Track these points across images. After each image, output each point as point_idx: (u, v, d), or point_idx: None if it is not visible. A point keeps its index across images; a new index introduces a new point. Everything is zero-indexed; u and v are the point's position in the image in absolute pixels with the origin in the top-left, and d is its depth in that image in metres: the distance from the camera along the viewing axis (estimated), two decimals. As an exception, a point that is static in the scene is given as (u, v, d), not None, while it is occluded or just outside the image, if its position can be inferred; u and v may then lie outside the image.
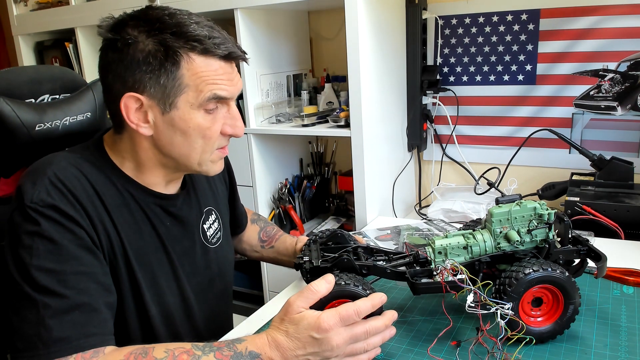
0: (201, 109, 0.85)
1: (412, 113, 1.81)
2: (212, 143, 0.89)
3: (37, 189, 0.80)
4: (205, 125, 0.87)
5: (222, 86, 0.85)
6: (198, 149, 0.89)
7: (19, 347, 0.74)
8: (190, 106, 0.84)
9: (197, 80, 0.83)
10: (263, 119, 1.79)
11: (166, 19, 0.82)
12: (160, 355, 0.75)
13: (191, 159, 0.90)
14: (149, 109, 0.84)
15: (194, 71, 0.83)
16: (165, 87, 0.83)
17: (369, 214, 1.63)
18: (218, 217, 1.10)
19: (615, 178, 1.45)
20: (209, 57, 0.83)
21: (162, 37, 0.81)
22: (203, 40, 0.82)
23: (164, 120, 0.85)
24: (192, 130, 0.86)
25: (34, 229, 0.78)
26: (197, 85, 0.83)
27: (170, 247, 0.96)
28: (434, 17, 1.77)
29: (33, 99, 1.01)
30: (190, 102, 0.84)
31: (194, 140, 0.87)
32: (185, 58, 0.82)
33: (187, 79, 0.83)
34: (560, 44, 1.62)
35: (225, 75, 0.85)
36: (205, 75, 0.83)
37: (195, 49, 0.82)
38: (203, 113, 0.86)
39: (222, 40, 0.84)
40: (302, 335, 0.77)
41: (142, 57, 0.81)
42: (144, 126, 0.86)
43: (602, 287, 1.02)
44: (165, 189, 0.96)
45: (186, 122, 0.85)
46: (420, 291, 0.87)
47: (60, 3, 2.17)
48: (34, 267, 0.76)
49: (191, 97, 0.84)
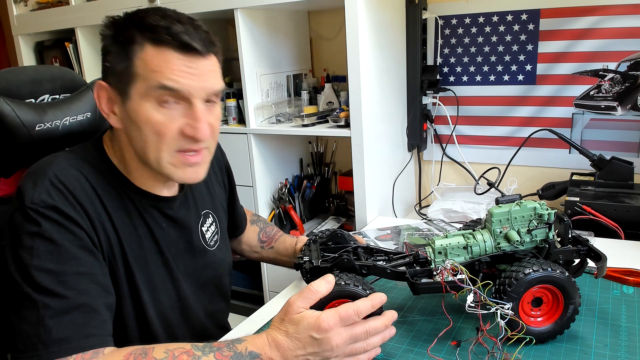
0: (151, 100, 0.82)
1: (412, 113, 1.81)
2: (167, 142, 0.84)
3: (37, 189, 0.80)
4: (156, 120, 0.82)
5: (172, 77, 0.81)
6: (152, 146, 0.84)
7: (19, 347, 0.74)
8: (140, 97, 0.82)
9: (146, 70, 0.81)
10: (263, 119, 1.79)
11: (141, 12, 0.83)
12: (160, 355, 0.75)
13: (148, 156, 0.86)
14: (115, 98, 0.86)
15: (145, 60, 0.81)
16: (121, 75, 0.83)
17: (369, 214, 1.63)
18: (215, 220, 1.10)
19: (615, 178, 1.45)
20: (162, 47, 0.81)
21: (124, 26, 0.83)
22: (158, 30, 0.80)
23: (124, 111, 0.85)
24: (143, 124, 0.83)
25: (34, 229, 0.78)
26: (146, 74, 0.81)
27: (166, 249, 0.96)
28: (434, 17, 1.77)
29: (33, 99, 1.01)
30: (140, 93, 0.82)
31: (147, 135, 0.84)
32: (138, 47, 0.81)
33: (138, 68, 0.82)
34: (560, 44, 1.62)
35: (182, 67, 0.81)
36: (155, 65, 0.81)
37: (148, 38, 0.81)
38: (155, 105, 0.82)
39: (183, 31, 0.81)
40: (302, 335, 0.77)
41: (109, 46, 0.84)
42: (113, 117, 0.87)
43: (602, 287, 1.02)
44: (161, 190, 0.96)
45: (137, 113, 0.83)
46: (420, 291, 0.87)
47: (60, 3, 2.17)
48: (34, 268, 0.76)
49: (141, 87, 0.82)
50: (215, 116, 0.89)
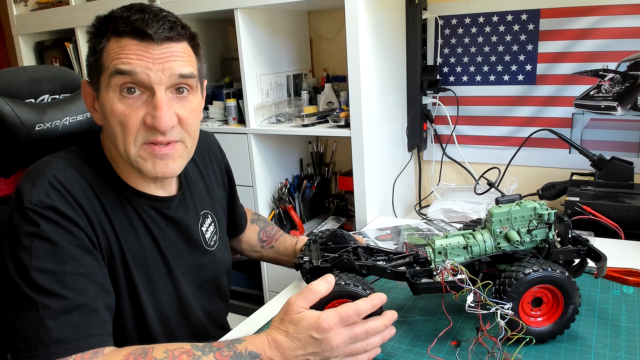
0: (115, 89, 0.82)
1: (412, 113, 1.81)
2: (131, 133, 0.82)
3: (36, 190, 0.80)
4: (120, 111, 0.82)
5: (128, 61, 0.80)
6: (119, 138, 0.84)
7: (19, 347, 0.74)
8: (105, 87, 0.83)
9: (108, 59, 0.82)
10: (263, 119, 1.79)
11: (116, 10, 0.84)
12: (160, 355, 0.75)
13: (119, 150, 0.85)
14: (93, 93, 0.88)
15: (108, 51, 0.82)
16: (91, 68, 0.86)
17: (369, 214, 1.63)
18: (214, 220, 1.10)
19: (615, 178, 1.45)
20: (122, 37, 0.81)
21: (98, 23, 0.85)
22: (119, 21, 0.81)
23: (99, 105, 0.87)
24: (109, 115, 0.83)
25: (33, 230, 0.78)
26: (106, 63, 0.82)
27: (165, 248, 0.96)
28: (434, 17, 1.77)
29: (33, 99, 1.01)
30: (105, 83, 0.83)
31: (114, 128, 0.83)
32: (105, 40, 0.83)
33: (104, 59, 0.83)
34: (560, 44, 1.62)
35: (140, 52, 0.80)
36: (114, 52, 0.81)
37: (112, 30, 0.82)
38: (118, 95, 0.82)
39: (140, 19, 0.80)
40: (302, 335, 0.77)
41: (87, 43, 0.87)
42: (95, 114, 0.89)
43: (602, 287, 1.02)
44: (155, 190, 0.95)
45: (104, 105, 0.84)
46: (420, 291, 0.87)
47: (60, 3, 2.17)
48: (33, 268, 0.76)
49: (105, 77, 0.83)
50: (186, 107, 0.86)
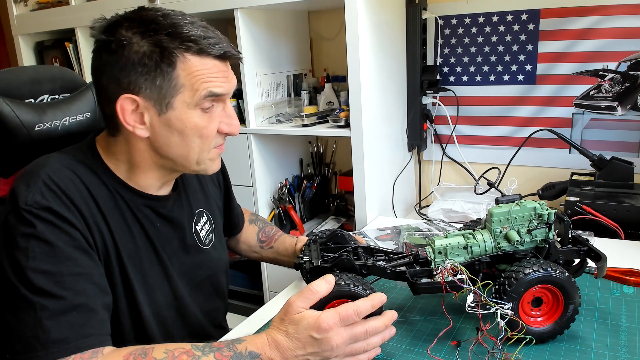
0: (197, 108, 0.85)
1: (412, 113, 1.81)
2: (209, 142, 0.90)
3: (31, 191, 0.80)
4: (202, 125, 0.87)
5: (218, 83, 0.85)
6: (196, 149, 0.89)
7: (17, 349, 0.74)
8: (186, 106, 0.85)
9: (193, 80, 0.83)
10: (263, 119, 1.79)
11: (160, 19, 0.82)
12: (160, 355, 0.75)
13: (189, 158, 0.90)
14: (145, 110, 0.84)
15: (189, 71, 0.83)
16: (161, 88, 0.83)
17: (369, 214, 1.63)
18: (210, 218, 1.10)
19: (615, 178, 1.45)
20: (204, 57, 0.84)
21: (157, 38, 0.81)
22: (198, 40, 0.82)
23: (161, 121, 0.85)
24: (189, 130, 0.86)
25: (29, 231, 0.78)
26: (193, 85, 0.84)
27: (161, 248, 0.96)
28: (434, 17, 1.77)
29: (33, 99, 1.01)
30: (186, 102, 0.84)
31: (191, 140, 0.87)
32: (180, 58, 0.82)
33: (182, 79, 0.83)
34: (560, 44, 1.62)
35: (220, 73, 0.86)
36: (200, 74, 0.83)
37: (190, 49, 0.82)
38: (200, 112, 0.86)
39: (216, 40, 0.85)
40: (302, 335, 0.77)
41: (137, 59, 0.81)
42: (140, 128, 0.86)
43: (602, 287, 1.02)
44: (157, 191, 0.96)
45: (183, 122, 0.85)
46: (420, 291, 0.87)
47: (60, 3, 2.17)
48: (30, 269, 0.76)
49: (187, 97, 0.84)
50: None
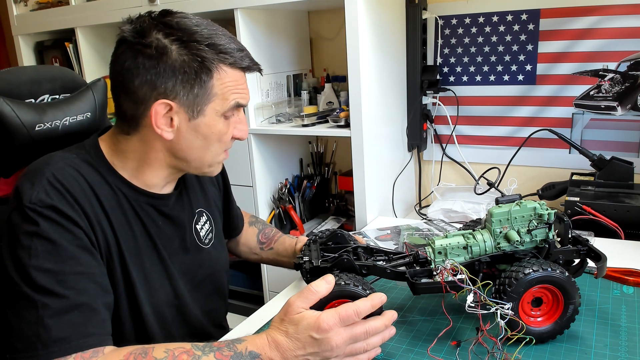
0: (223, 116, 0.91)
1: (412, 113, 1.81)
2: (224, 146, 0.95)
3: (35, 189, 0.80)
4: (224, 131, 0.92)
5: (243, 94, 0.92)
6: (213, 152, 0.94)
7: (18, 347, 0.74)
8: (215, 113, 0.90)
9: (224, 90, 0.88)
10: (263, 119, 1.79)
11: (196, 29, 0.86)
12: (160, 355, 0.75)
13: (205, 161, 0.94)
14: (176, 114, 0.87)
15: (222, 81, 0.88)
16: (197, 95, 0.87)
17: (369, 214, 1.63)
18: (209, 218, 1.10)
19: (615, 178, 1.45)
20: (235, 69, 0.89)
21: (198, 48, 0.85)
22: (232, 53, 0.88)
23: (189, 125, 0.89)
24: (213, 135, 0.91)
25: (32, 229, 0.78)
26: (224, 94, 0.89)
27: (162, 246, 0.96)
28: (434, 17, 1.77)
29: (33, 99, 1.01)
30: (216, 110, 0.89)
31: (211, 144, 0.92)
32: (217, 69, 0.87)
33: (216, 89, 0.88)
34: (560, 44, 1.62)
35: (244, 84, 0.92)
36: (231, 84, 0.89)
37: (226, 61, 0.88)
38: (224, 119, 0.91)
39: (246, 53, 0.92)
40: (302, 335, 0.77)
41: (178, 66, 0.85)
42: (167, 131, 0.89)
43: (602, 287, 1.02)
44: (161, 189, 0.97)
45: (210, 128, 0.90)
46: (420, 291, 0.87)
47: (60, 3, 2.17)
48: (32, 268, 0.76)
49: (218, 105, 0.89)
50: None
